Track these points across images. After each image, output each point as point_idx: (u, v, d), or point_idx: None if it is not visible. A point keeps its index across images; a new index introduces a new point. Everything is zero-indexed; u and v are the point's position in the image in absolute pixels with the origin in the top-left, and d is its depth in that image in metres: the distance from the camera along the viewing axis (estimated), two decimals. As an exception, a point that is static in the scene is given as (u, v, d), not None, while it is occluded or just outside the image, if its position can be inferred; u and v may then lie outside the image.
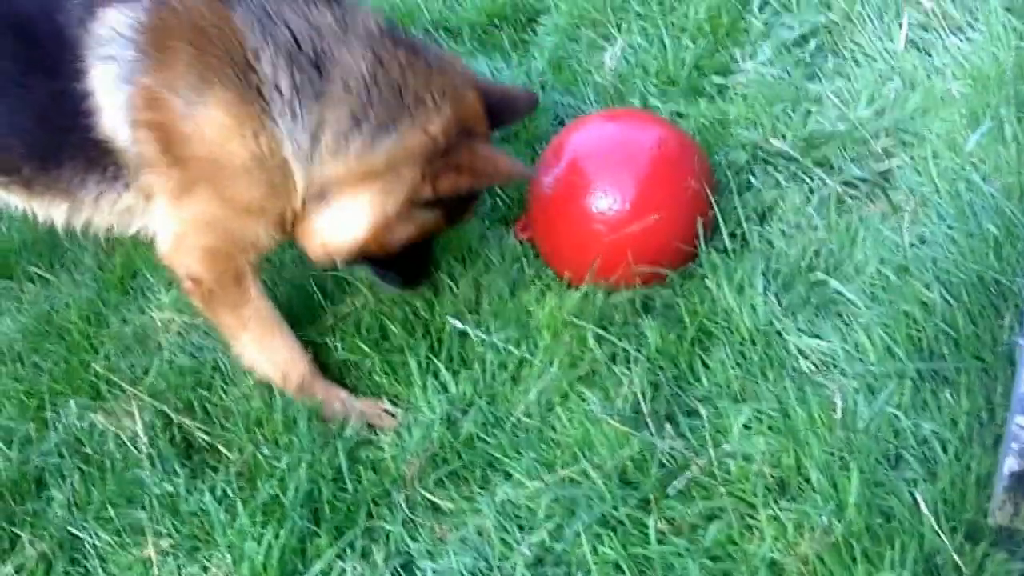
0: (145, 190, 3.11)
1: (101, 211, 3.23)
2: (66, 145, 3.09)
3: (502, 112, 3.25)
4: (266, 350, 3.26)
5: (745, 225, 3.27)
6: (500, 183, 3.56)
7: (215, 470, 3.13)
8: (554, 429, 2.99)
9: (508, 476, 2.92)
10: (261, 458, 3.07)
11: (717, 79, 4.00)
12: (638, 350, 3.12)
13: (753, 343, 3.02)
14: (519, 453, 2.93)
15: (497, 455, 2.96)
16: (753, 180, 3.54)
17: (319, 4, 3.01)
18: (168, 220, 3.14)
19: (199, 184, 3.02)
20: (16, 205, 3.36)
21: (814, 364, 2.92)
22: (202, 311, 3.34)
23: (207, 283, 3.16)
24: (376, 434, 3.15)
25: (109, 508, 3.05)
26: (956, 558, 2.37)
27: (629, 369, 3.06)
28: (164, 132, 2.98)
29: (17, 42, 3.04)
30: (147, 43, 2.95)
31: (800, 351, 2.96)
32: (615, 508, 2.70)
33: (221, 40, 2.93)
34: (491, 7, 4.64)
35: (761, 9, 4.19)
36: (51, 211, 3.29)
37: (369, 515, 2.94)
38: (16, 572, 3.00)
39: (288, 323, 3.31)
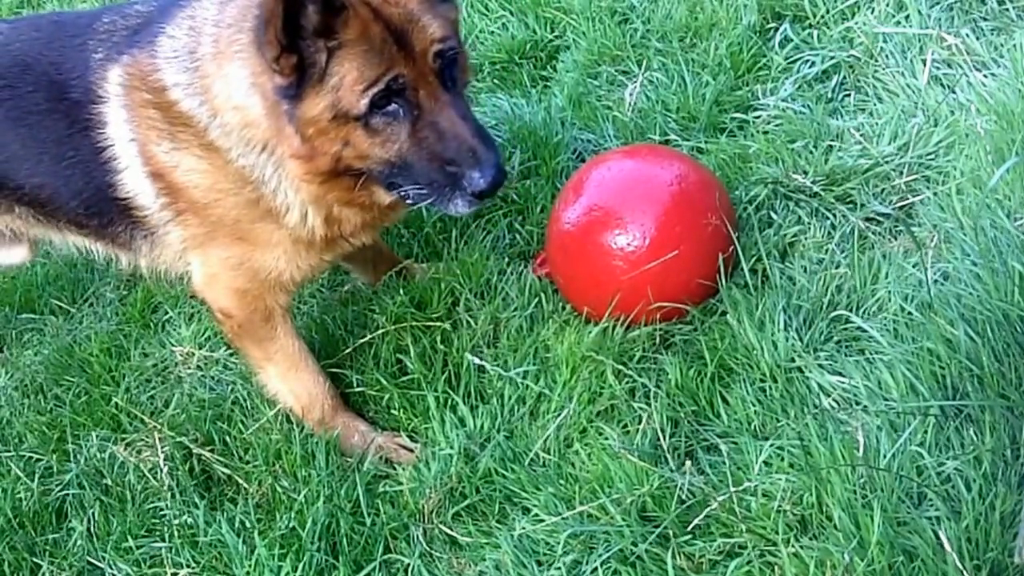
0: (179, 238, 3.16)
1: (165, 259, 3.28)
2: (107, 199, 3.15)
3: None
4: (289, 383, 3.28)
5: (766, 261, 3.25)
6: None
7: (234, 502, 3.14)
8: (573, 464, 2.97)
9: (526, 511, 2.90)
10: (280, 490, 3.07)
11: (738, 115, 4.00)
12: (658, 386, 3.10)
13: (774, 380, 3.00)
14: (537, 488, 2.92)
15: (515, 490, 2.95)
16: (774, 216, 3.53)
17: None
18: (199, 262, 3.18)
19: (219, 229, 3.06)
20: (102, 253, 3.43)
21: (836, 401, 2.90)
22: (230, 341, 3.41)
23: (237, 319, 3.21)
24: (394, 468, 3.16)
25: (129, 539, 3.08)
26: (980, 598, 2.34)
27: (648, 405, 3.05)
28: (166, 183, 3.04)
29: (62, 103, 3.12)
30: (129, 99, 3.02)
31: (822, 388, 2.94)
32: (634, 544, 2.67)
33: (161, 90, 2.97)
34: (511, 44, 4.67)
35: (782, 45, 4.19)
36: (134, 261, 3.36)
37: (387, 548, 2.94)
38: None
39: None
